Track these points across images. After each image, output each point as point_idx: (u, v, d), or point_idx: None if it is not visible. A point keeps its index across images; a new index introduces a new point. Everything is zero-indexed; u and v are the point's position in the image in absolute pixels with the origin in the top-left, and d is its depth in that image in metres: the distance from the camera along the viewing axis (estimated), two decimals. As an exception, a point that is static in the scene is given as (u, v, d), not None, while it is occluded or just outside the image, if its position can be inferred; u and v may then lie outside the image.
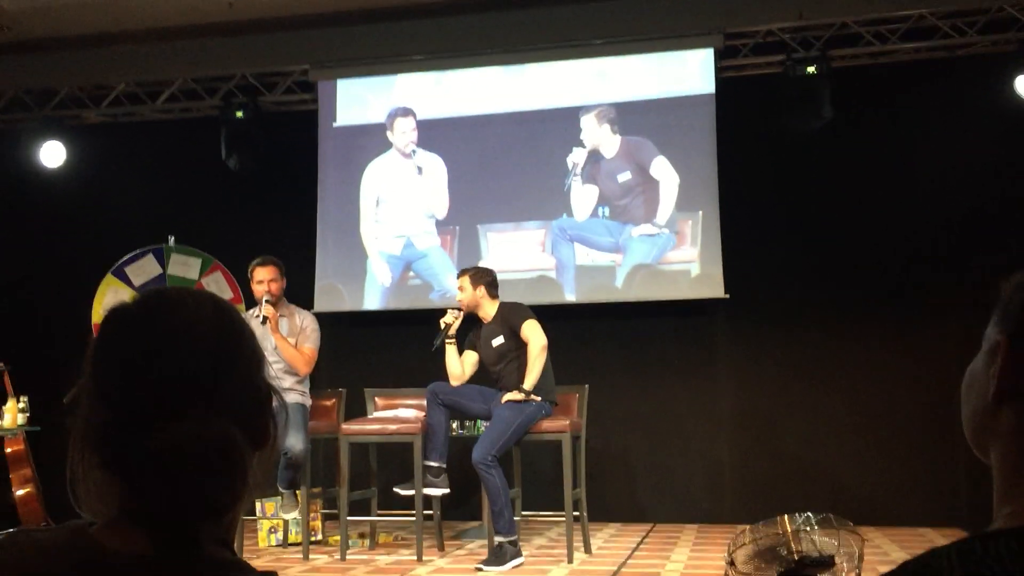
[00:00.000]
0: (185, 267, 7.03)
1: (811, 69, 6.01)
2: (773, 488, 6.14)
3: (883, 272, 6.23)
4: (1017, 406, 0.77)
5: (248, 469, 1.00)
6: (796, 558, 2.84)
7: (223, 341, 1.00)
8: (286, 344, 5.24)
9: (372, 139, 6.82)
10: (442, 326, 5.23)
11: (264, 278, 5.31)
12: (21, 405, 5.74)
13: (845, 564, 2.91)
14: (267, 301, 5.25)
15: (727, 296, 6.15)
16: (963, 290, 5.89)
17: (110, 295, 6.95)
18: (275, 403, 1.07)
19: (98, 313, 6.93)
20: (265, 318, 5.19)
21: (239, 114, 6.77)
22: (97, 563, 0.91)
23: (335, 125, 6.90)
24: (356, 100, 6.89)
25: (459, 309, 5.26)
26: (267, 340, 5.20)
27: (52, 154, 6.97)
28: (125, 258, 7.00)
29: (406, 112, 6.79)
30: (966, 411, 0.83)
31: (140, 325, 0.99)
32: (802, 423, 6.28)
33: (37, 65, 7.20)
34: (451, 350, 5.26)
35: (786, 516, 2.99)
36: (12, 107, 7.27)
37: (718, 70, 6.32)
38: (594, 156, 6.49)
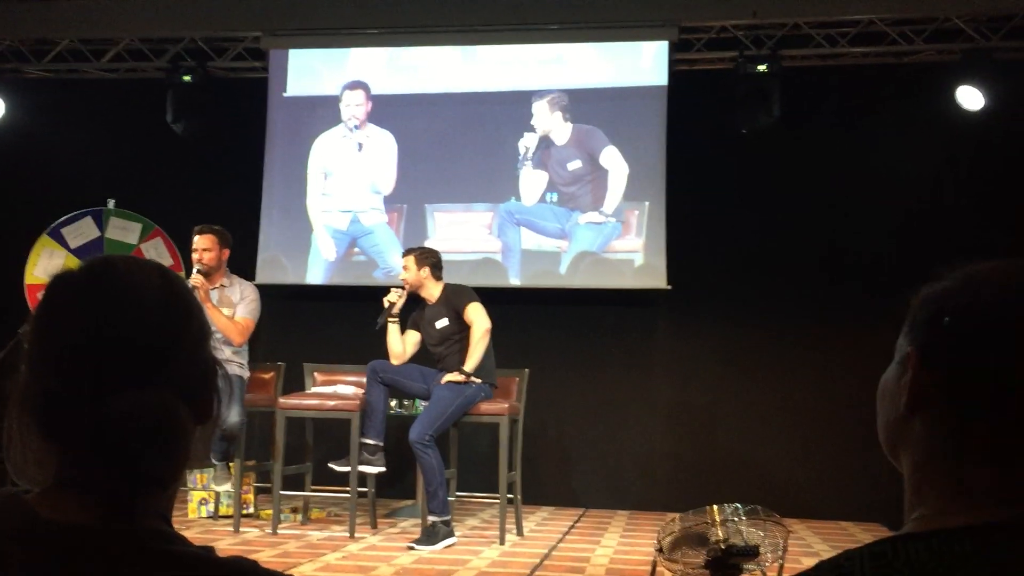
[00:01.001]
0: (124, 231, 6.89)
1: (762, 67, 6.09)
2: (705, 478, 6.26)
3: (822, 272, 6.36)
4: (926, 416, 0.80)
5: (190, 443, 1.00)
6: (723, 547, 2.91)
7: (170, 313, 0.99)
8: (218, 313, 5.16)
9: (322, 111, 6.75)
10: (386, 304, 5.21)
11: (199, 247, 5.23)
12: (-53, 365, 5.59)
13: (769, 555, 2.99)
14: (198, 271, 5.18)
15: (669, 287, 6.23)
16: (897, 294, 6.04)
17: (44, 256, 6.79)
18: (219, 377, 1.06)
19: (31, 274, 6.76)
20: (194, 287, 5.11)
21: (187, 78, 6.63)
22: (33, 532, 0.90)
23: (285, 95, 6.81)
24: (308, 71, 6.80)
25: (403, 288, 5.25)
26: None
27: (-10, 108, 6.77)
28: (62, 219, 6.83)
29: (357, 85, 6.72)
30: (880, 420, 0.87)
31: (86, 293, 0.97)
32: (736, 416, 6.41)
33: (-23, 15, 6.98)
34: (393, 329, 5.25)
35: (715, 506, 3.06)
36: (-51, 57, 7.03)
37: (671, 63, 6.37)
38: (545, 142, 6.50)
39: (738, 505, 3.13)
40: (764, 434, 6.35)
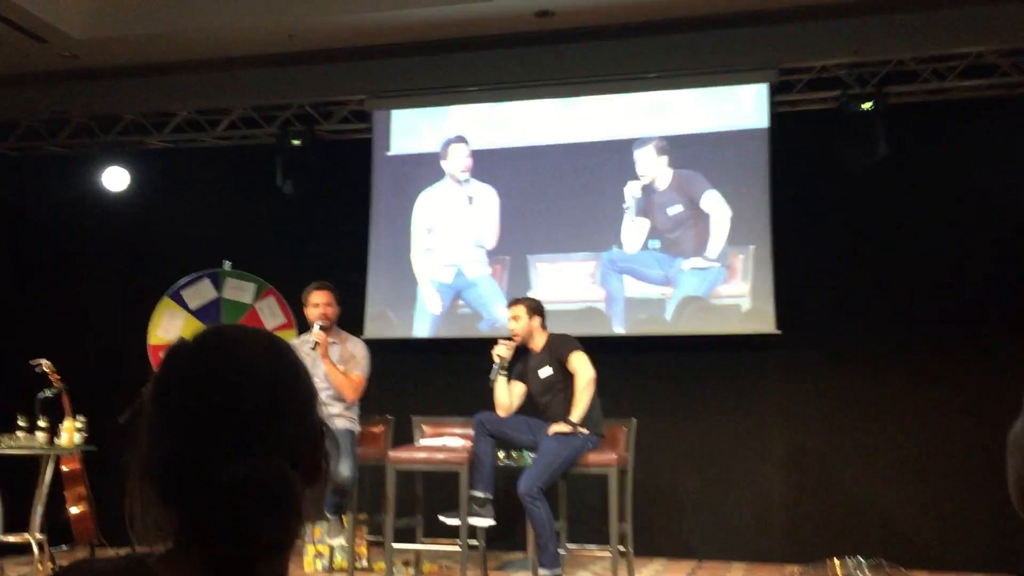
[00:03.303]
0: (239, 291, 7.15)
1: (867, 105, 5.96)
2: (824, 528, 6.03)
3: (938, 309, 6.11)
4: None
5: (302, 506, 1.02)
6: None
7: (279, 380, 1.03)
8: (335, 371, 5.28)
9: (425, 168, 6.90)
10: (496, 359, 5.24)
11: (320, 302, 5.37)
12: (78, 424, 5.86)
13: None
14: (320, 327, 5.31)
15: (779, 332, 6.09)
16: (1020, 328, 5.78)
17: (166, 318, 7.09)
18: (327, 440, 1.09)
19: (154, 335, 7.06)
20: (315, 343, 5.24)
21: (296, 142, 6.89)
22: (155, 596, 0.93)
23: (388, 154, 7.00)
24: (410, 129, 6.98)
25: (510, 339, 5.27)
26: (317, 366, 5.26)
27: (115, 178, 7.16)
28: (182, 281, 7.14)
29: (460, 140, 6.86)
30: (1011, 476, 0.82)
31: (199, 364, 1.02)
32: (855, 462, 6.17)
33: (102, 92, 7.42)
34: (502, 381, 5.27)
35: (836, 560, 2.95)
36: (78, 132, 7.48)
37: (772, 105, 6.30)
38: (646, 188, 6.49)
39: (860, 558, 3.01)
40: (885, 481, 6.08)
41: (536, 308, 5.30)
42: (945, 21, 6.07)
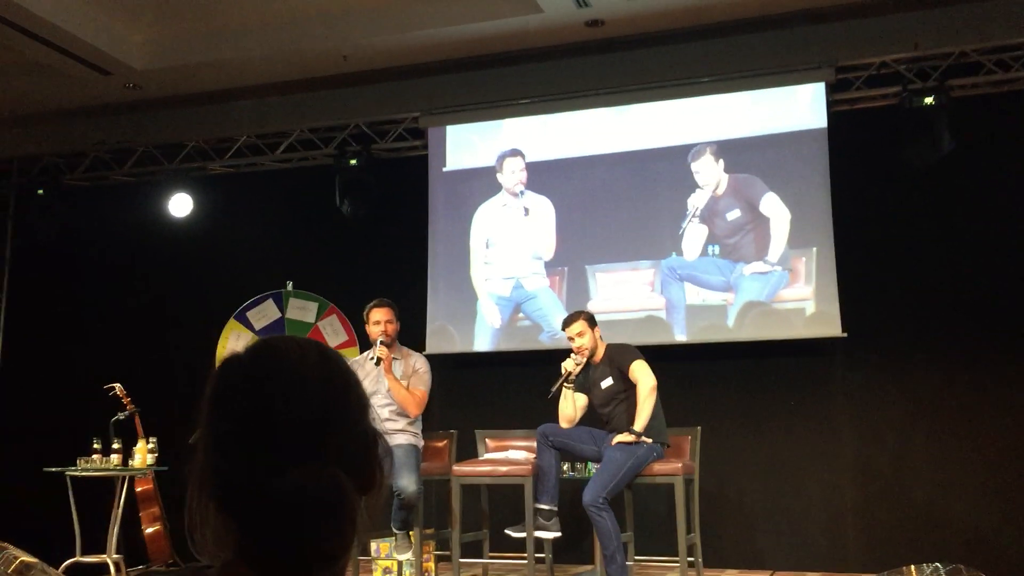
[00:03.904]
0: (303, 311, 7.25)
1: (928, 100, 5.82)
2: (899, 536, 5.88)
3: (1010, 307, 5.93)
4: None
5: (357, 515, 1.02)
6: (924, 611, 2.71)
7: (330, 389, 1.03)
8: (399, 386, 5.32)
9: (481, 182, 6.93)
10: (563, 372, 5.22)
11: (381, 319, 5.42)
12: (150, 446, 5.99)
13: (977, 618, 2.77)
14: (382, 343, 5.35)
15: (844, 335, 5.97)
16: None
17: (232, 339, 7.22)
18: (380, 448, 1.09)
19: (221, 357, 7.19)
20: (379, 359, 5.29)
21: (353, 162, 6.97)
22: (213, 606, 0.94)
23: (445, 170, 7.04)
24: (465, 144, 7.02)
25: (575, 353, 5.24)
26: (380, 382, 5.30)
27: (180, 205, 7.33)
28: (247, 303, 7.26)
29: (515, 153, 6.87)
30: None
31: (251, 375, 1.03)
32: (929, 467, 6.00)
33: (165, 121, 7.63)
34: (568, 393, 5.25)
35: (913, 567, 2.86)
36: (143, 161, 7.68)
37: (830, 103, 6.20)
38: (703, 194, 6.42)
39: (938, 565, 2.92)
40: (962, 486, 5.90)
41: (593, 320, 5.29)
42: (1007, 9, 5.92)
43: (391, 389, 5.30)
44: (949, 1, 5.99)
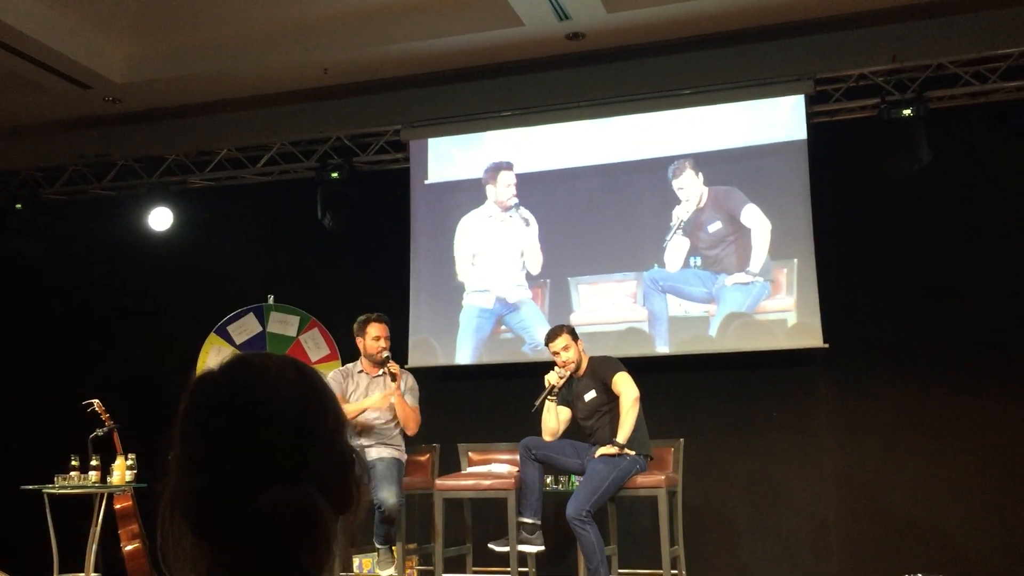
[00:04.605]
0: (284, 325, 7.20)
1: (907, 111, 5.86)
2: (883, 549, 5.88)
3: (990, 319, 5.96)
4: None
5: (332, 535, 1.00)
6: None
7: (306, 408, 1.02)
8: (404, 404, 5.31)
9: (463, 195, 6.92)
10: (547, 385, 5.20)
11: (380, 334, 5.42)
12: (129, 462, 5.92)
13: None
14: (388, 358, 5.35)
15: (826, 346, 5.98)
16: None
17: (213, 353, 7.16)
18: (357, 466, 1.07)
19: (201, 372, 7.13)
20: (394, 375, 5.28)
21: (334, 175, 6.95)
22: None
23: (427, 182, 7.03)
24: (446, 157, 7.01)
25: (561, 367, 5.23)
26: (370, 394, 5.32)
27: (160, 219, 7.28)
28: (227, 317, 7.21)
29: (508, 166, 6.85)
30: None
31: (225, 393, 1.01)
32: (912, 480, 6.00)
33: (145, 134, 7.58)
34: (551, 406, 5.24)
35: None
36: (123, 175, 7.63)
37: (809, 115, 6.23)
38: (685, 207, 6.43)
39: None
40: (945, 498, 5.90)
41: (575, 333, 5.28)
42: (985, 22, 5.97)
43: (397, 405, 5.29)
44: (926, 14, 6.04)
